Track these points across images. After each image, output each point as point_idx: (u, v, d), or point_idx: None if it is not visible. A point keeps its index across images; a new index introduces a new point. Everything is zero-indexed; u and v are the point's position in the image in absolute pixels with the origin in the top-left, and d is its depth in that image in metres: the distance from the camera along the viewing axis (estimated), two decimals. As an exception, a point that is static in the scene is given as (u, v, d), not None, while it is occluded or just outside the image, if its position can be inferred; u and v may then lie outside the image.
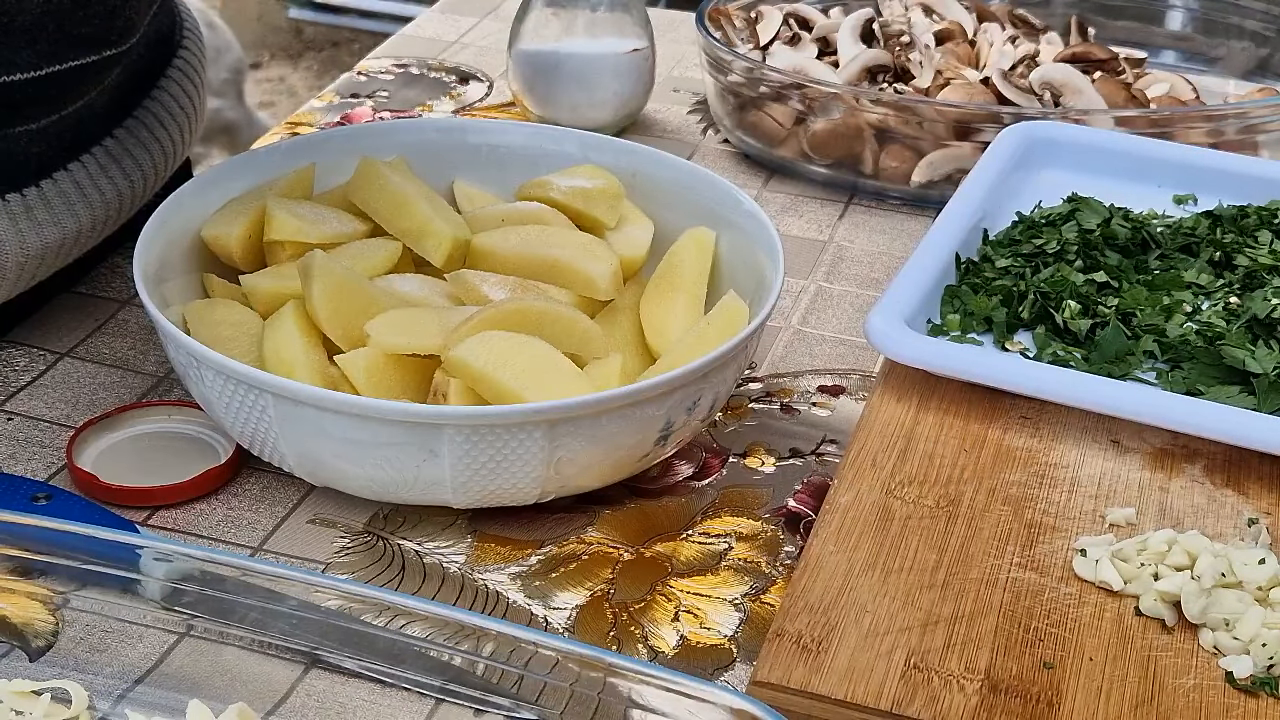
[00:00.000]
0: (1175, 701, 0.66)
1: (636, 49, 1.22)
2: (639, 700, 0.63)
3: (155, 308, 0.79)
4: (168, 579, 0.69)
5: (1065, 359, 0.87)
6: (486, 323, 0.80)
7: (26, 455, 0.84)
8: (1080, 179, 1.05)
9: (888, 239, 1.12)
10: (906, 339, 0.85)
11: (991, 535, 0.75)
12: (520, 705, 0.66)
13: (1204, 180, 1.06)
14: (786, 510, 0.83)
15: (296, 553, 0.79)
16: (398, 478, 0.76)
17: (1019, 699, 0.66)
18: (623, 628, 0.75)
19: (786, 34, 1.29)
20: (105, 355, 0.93)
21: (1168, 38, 1.41)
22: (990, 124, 1.12)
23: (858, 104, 1.15)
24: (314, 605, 0.67)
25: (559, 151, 0.98)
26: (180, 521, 0.80)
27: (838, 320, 1.01)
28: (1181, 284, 0.94)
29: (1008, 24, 1.31)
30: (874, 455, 0.80)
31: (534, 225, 0.92)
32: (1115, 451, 0.82)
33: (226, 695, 0.67)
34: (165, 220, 0.87)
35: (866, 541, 0.74)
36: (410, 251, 0.90)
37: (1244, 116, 1.14)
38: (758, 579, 0.78)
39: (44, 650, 0.70)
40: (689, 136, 1.26)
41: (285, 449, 0.77)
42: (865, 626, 0.69)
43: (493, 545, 0.80)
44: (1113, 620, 0.70)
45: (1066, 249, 0.96)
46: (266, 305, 0.85)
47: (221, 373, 0.76)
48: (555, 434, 0.75)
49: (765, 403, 0.92)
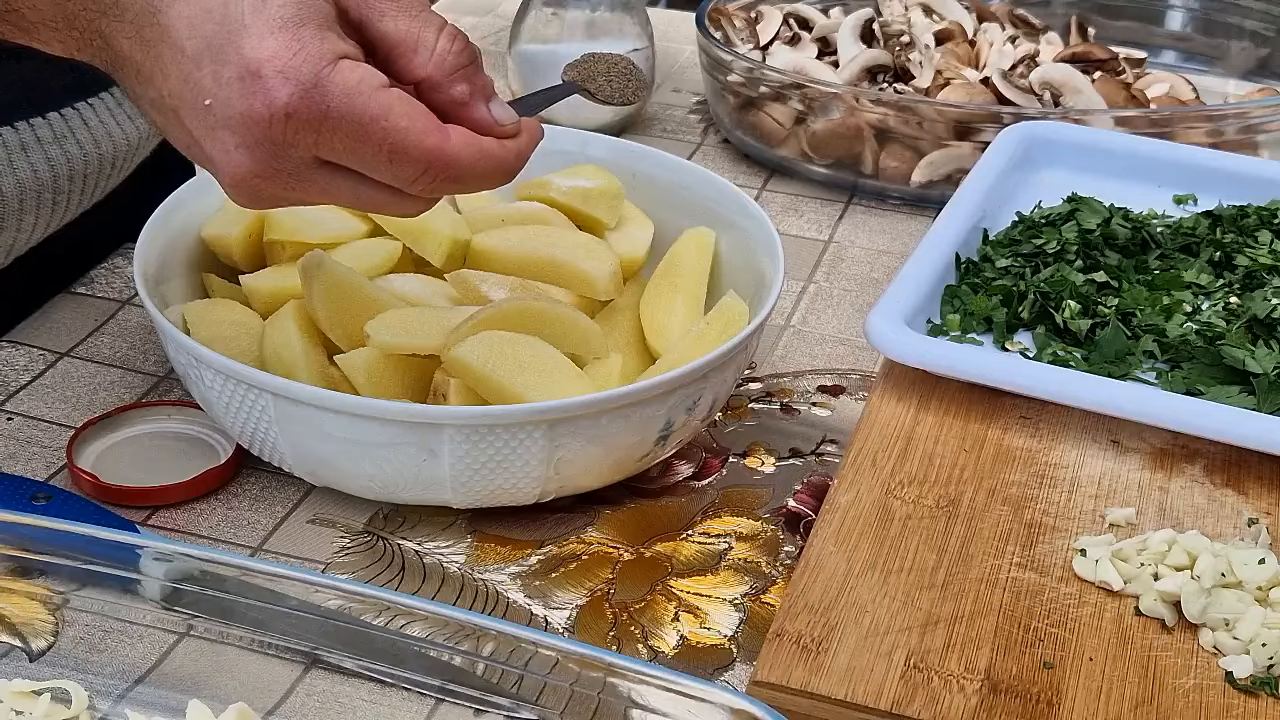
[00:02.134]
0: (1175, 701, 0.66)
1: (636, 49, 1.22)
2: (639, 700, 0.63)
3: (155, 308, 0.79)
4: (168, 579, 0.69)
5: (1065, 359, 0.87)
6: (486, 323, 0.80)
7: (26, 455, 0.84)
8: (1080, 179, 1.05)
9: (888, 239, 1.12)
10: (906, 339, 0.85)
11: (991, 535, 0.75)
12: (520, 705, 0.66)
13: (1204, 180, 1.06)
14: (786, 510, 0.83)
15: (296, 553, 0.79)
16: (398, 478, 0.76)
17: (1019, 699, 0.66)
18: (623, 628, 0.75)
19: (786, 34, 1.29)
20: (105, 355, 0.93)
21: (1168, 38, 1.41)
22: (990, 124, 1.12)
23: (858, 104, 1.15)
24: (314, 605, 0.67)
25: (559, 151, 0.98)
26: (180, 521, 0.80)
27: (838, 320, 1.01)
28: (1181, 284, 0.94)
29: (1008, 24, 1.31)
30: (874, 455, 0.80)
31: (534, 225, 0.92)
32: (1115, 451, 0.82)
33: (226, 695, 0.67)
34: (165, 220, 0.87)
35: (866, 541, 0.74)
36: (410, 251, 0.90)
37: (1244, 116, 1.14)
38: (758, 579, 0.78)
39: (44, 650, 0.70)
40: (689, 136, 1.26)
41: (285, 449, 0.77)
42: (865, 626, 0.69)
43: (493, 545, 0.80)
44: (1113, 620, 0.70)
45: (1066, 249, 0.96)
46: (266, 305, 0.85)
47: (221, 373, 0.76)
48: (555, 434, 0.75)
49: (765, 403, 0.92)
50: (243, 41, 0.64)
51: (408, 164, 0.66)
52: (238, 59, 0.64)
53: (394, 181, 0.68)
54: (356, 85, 0.65)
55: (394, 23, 0.68)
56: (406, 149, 0.66)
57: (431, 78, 0.68)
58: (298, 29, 0.64)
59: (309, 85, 0.64)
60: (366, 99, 0.65)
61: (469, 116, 0.69)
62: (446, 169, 0.67)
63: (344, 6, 0.68)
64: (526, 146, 0.71)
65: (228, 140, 0.66)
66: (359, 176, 0.68)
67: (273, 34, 0.64)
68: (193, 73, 0.65)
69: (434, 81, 0.68)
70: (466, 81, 0.69)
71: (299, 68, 0.64)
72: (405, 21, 0.68)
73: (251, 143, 0.65)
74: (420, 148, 0.66)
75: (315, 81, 0.64)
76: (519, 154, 0.70)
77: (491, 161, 0.69)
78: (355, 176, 0.68)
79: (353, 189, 0.68)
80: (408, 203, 0.70)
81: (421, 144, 0.66)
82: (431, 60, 0.68)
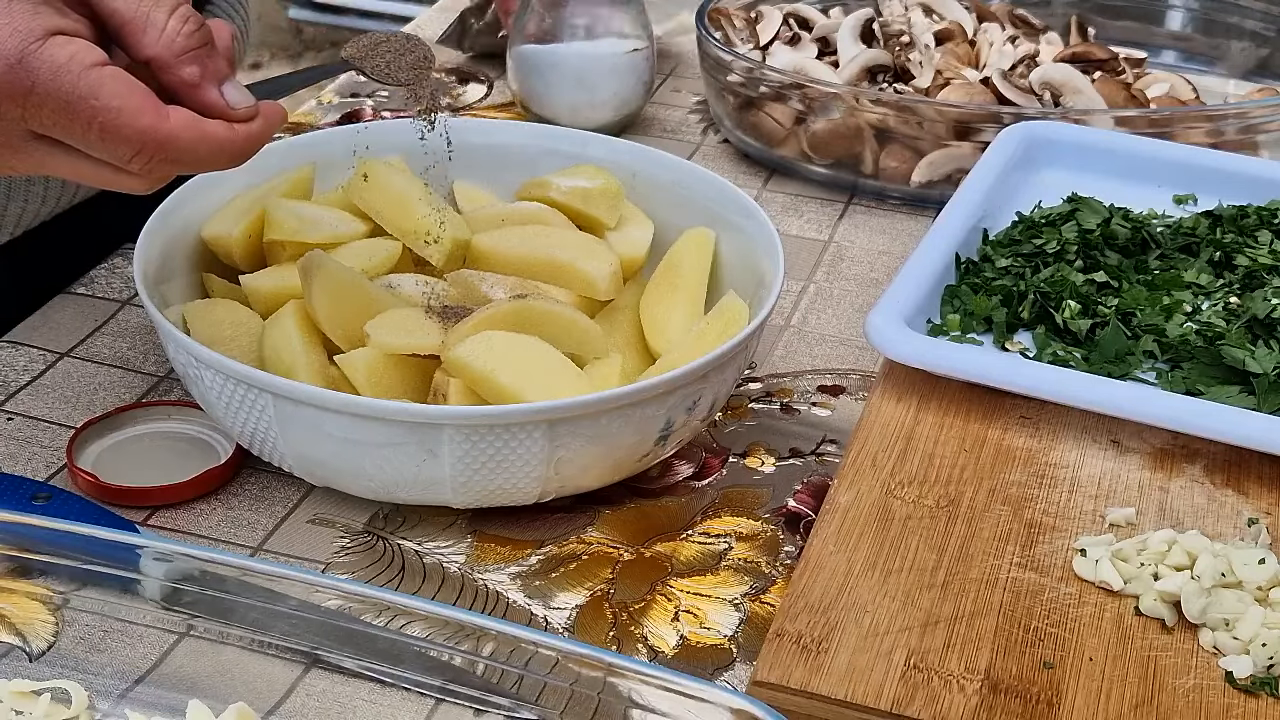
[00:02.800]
0: (1175, 701, 0.66)
1: (636, 49, 1.22)
2: (639, 700, 0.63)
3: (155, 308, 0.79)
4: (168, 579, 0.69)
5: (1065, 359, 0.87)
6: (486, 323, 0.80)
7: (26, 455, 0.84)
8: (1080, 179, 1.05)
9: (888, 239, 1.12)
10: (906, 339, 0.85)
11: (991, 535, 0.75)
12: (520, 705, 0.66)
13: (1204, 180, 1.06)
14: (786, 510, 0.83)
15: (296, 553, 0.79)
16: (398, 478, 0.76)
17: (1019, 699, 0.66)
18: (623, 628, 0.75)
19: (786, 34, 1.29)
20: (105, 355, 0.93)
21: (1168, 38, 1.41)
22: (990, 124, 1.12)
23: (858, 104, 1.15)
24: (314, 605, 0.67)
25: (559, 151, 0.98)
26: (180, 521, 0.80)
27: (838, 320, 1.01)
28: (1181, 284, 0.94)
29: (1008, 24, 1.31)
30: (874, 455, 0.80)
31: (534, 225, 0.92)
32: (1115, 451, 0.82)
33: (226, 695, 0.67)
34: (165, 220, 0.87)
35: (866, 541, 0.74)
36: (410, 251, 0.90)
37: (1244, 116, 1.14)
38: (758, 579, 0.78)
39: (44, 650, 0.70)
40: (689, 136, 1.26)
41: (285, 449, 0.77)
42: (865, 626, 0.69)
43: (493, 545, 0.80)
44: (1113, 620, 0.70)
45: (1066, 249, 0.96)
46: (266, 305, 0.85)
47: (221, 373, 0.76)
48: (555, 434, 0.75)
49: (765, 403, 0.92)
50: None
51: (120, 143, 0.67)
52: None
53: (110, 159, 0.68)
54: (66, 62, 0.65)
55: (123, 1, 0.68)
56: (119, 128, 0.66)
57: (160, 57, 0.69)
58: (9, 2, 0.65)
59: (13, 60, 0.65)
60: (75, 77, 0.65)
61: (198, 99, 0.69)
62: (162, 149, 0.68)
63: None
64: (261, 130, 0.71)
65: None
66: (76, 152, 0.68)
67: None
68: None
69: (162, 61, 0.69)
70: (197, 63, 0.69)
71: (4, 41, 0.65)
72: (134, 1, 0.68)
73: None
74: (133, 127, 0.67)
75: (20, 57, 0.65)
76: (250, 137, 0.70)
77: (214, 144, 0.69)
78: (73, 152, 0.68)
79: (70, 163, 0.69)
80: (130, 180, 0.70)
81: (135, 124, 0.66)
82: (160, 40, 0.68)
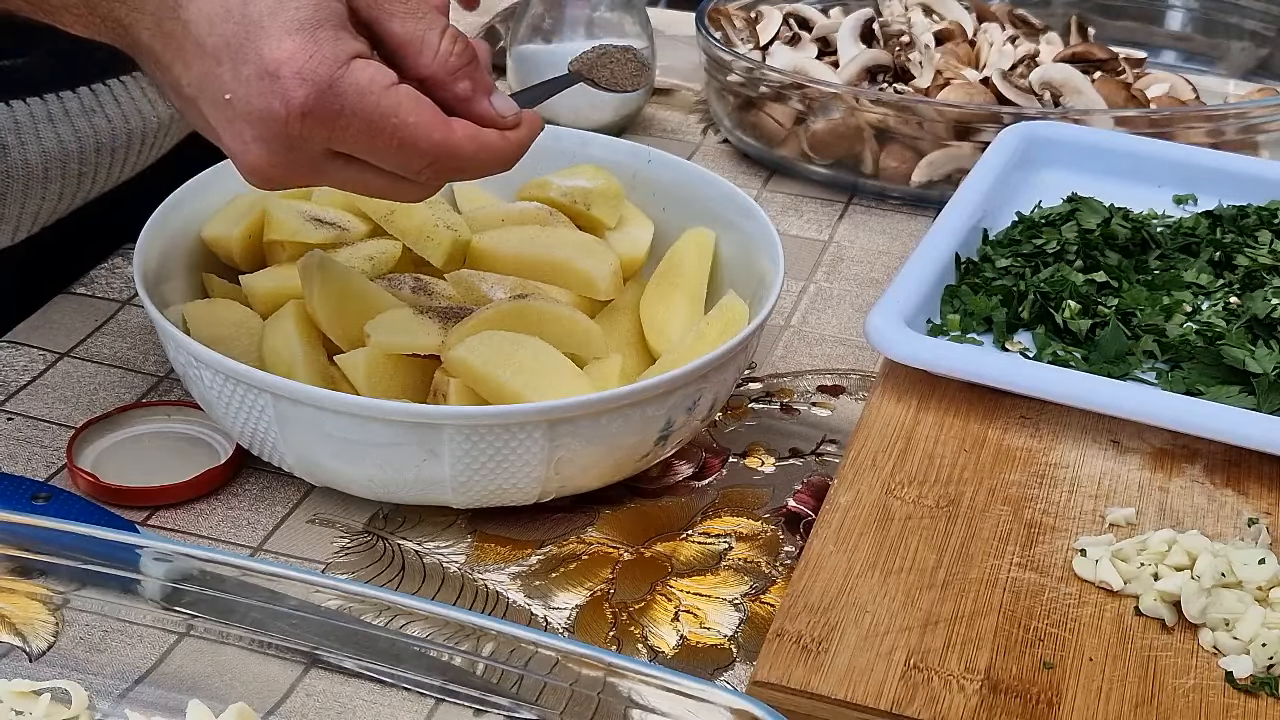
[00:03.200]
0: (1175, 701, 0.66)
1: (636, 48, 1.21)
2: (639, 700, 0.63)
3: (155, 308, 0.79)
4: (168, 579, 0.69)
5: (1065, 359, 0.87)
6: (486, 323, 0.80)
7: (26, 455, 0.84)
8: (1080, 179, 1.05)
9: (888, 239, 1.12)
10: (906, 339, 0.85)
11: (991, 535, 0.75)
12: (520, 705, 0.66)
13: (1204, 180, 1.06)
14: (786, 510, 0.83)
15: (296, 553, 0.79)
16: (397, 478, 0.76)
17: (1019, 699, 0.66)
18: (623, 628, 0.75)
19: (786, 34, 1.29)
20: (105, 355, 0.93)
21: (1168, 38, 1.41)
22: (990, 124, 1.12)
23: (858, 104, 1.15)
24: (314, 605, 0.67)
25: (559, 151, 0.98)
26: (180, 521, 0.80)
27: (837, 320, 1.01)
28: (1181, 284, 0.94)
29: (1008, 24, 1.31)
30: (874, 455, 0.80)
31: (534, 225, 0.92)
32: (1115, 451, 0.82)
33: (226, 695, 0.67)
34: (165, 220, 0.87)
35: (866, 541, 0.74)
36: (410, 251, 0.90)
37: (1244, 116, 1.14)
38: (758, 579, 0.78)
39: (44, 650, 0.70)
40: (689, 136, 1.26)
41: (285, 449, 0.77)
42: (865, 626, 0.69)
43: (493, 545, 0.80)
44: (1113, 620, 0.70)
45: (1066, 249, 0.96)
46: (266, 305, 0.85)
47: (221, 373, 0.76)
48: (555, 434, 0.75)
49: (765, 403, 0.92)
50: (261, 42, 0.67)
51: (415, 156, 0.71)
52: (257, 59, 0.67)
53: (402, 171, 0.72)
54: (368, 84, 0.69)
55: (401, 24, 0.72)
56: (415, 142, 0.70)
57: (435, 76, 0.72)
58: (314, 30, 0.68)
59: (324, 86, 0.68)
60: (377, 97, 0.69)
61: (472, 111, 0.73)
62: (451, 160, 0.72)
63: (354, 6, 0.71)
64: (526, 137, 0.75)
65: (246, 133, 0.69)
66: (368, 166, 0.72)
67: (290, 35, 0.67)
68: (213, 68, 0.68)
69: (438, 79, 0.72)
70: (468, 79, 0.73)
71: (315, 69, 0.67)
72: (411, 23, 0.72)
73: (269, 137, 0.69)
74: (428, 140, 0.70)
75: (330, 82, 0.68)
76: (519, 144, 0.75)
77: (492, 152, 0.73)
78: (365, 166, 0.72)
79: (361, 177, 0.72)
80: (412, 189, 0.74)
81: (429, 137, 0.70)
82: (435, 60, 0.72)
